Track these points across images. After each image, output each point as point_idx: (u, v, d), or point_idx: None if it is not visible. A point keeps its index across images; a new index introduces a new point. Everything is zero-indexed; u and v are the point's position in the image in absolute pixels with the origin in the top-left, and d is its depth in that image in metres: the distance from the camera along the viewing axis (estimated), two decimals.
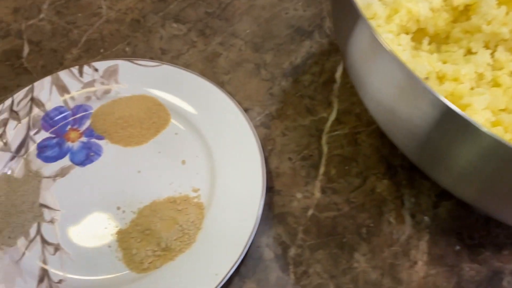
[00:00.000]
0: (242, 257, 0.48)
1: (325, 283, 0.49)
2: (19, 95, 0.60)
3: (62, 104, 0.60)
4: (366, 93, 0.44)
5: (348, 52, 0.44)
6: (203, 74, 0.63)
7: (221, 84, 0.63)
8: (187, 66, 0.65)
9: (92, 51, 0.68)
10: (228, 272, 0.47)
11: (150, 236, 0.50)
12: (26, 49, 0.69)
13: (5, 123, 0.58)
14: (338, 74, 0.66)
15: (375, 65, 0.38)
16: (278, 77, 0.66)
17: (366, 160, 0.58)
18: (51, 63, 0.67)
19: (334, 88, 0.64)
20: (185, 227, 0.50)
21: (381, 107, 0.43)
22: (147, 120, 0.59)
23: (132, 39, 0.69)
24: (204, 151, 0.57)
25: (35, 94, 0.60)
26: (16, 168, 0.56)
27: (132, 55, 0.67)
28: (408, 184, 0.56)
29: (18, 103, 0.59)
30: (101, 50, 0.68)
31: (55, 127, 0.59)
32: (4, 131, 0.57)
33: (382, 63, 0.37)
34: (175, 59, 0.67)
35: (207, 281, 0.46)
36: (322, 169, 0.57)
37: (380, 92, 0.40)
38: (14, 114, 0.59)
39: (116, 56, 0.67)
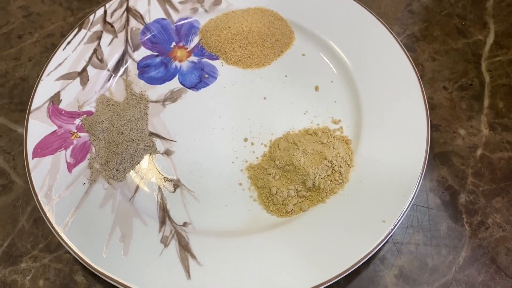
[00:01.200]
0: (411, 202, 0.38)
1: (509, 237, 0.40)
2: (112, 4, 0.49)
3: (163, 17, 0.50)
4: None
5: None
6: None
7: None
8: None
9: None
10: (399, 219, 0.37)
11: (292, 173, 0.40)
12: None
13: (98, 36, 0.47)
14: None
15: None
16: None
17: None
18: None
19: (488, 6, 0.53)
20: (335, 164, 0.40)
21: None
22: (270, 37, 0.48)
23: None
24: (341, 75, 0.46)
25: (131, 3, 0.50)
26: (116, 90, 0.46)
27: None
28: None
29: (112, 13, 0.49)
30: None
31: (158, 44, 0.49)
32: (98, 45, 0.47)
33: None
34: None
35: (373, 229, 0.37)
36: (486, 102, 0.46)
37: None
38: (108, 26, 0.48)
39: None
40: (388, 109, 0.43)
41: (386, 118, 0.43)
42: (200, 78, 0.46)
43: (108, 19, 0.48)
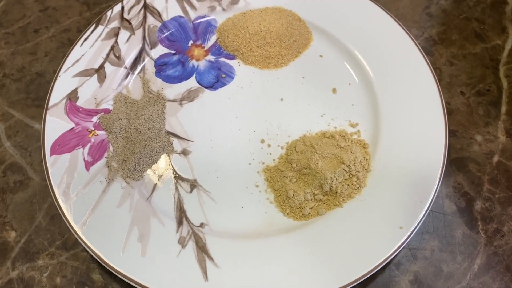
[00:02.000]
0: (429, 208, 0.38)
1: None
2: (129, 0, 0.49)
3: (181, 14, 0.49)
4: None
5: None
6: None
7: None
8: None
9: None
10: (416, 226, 0.37)
11: (309, 176, 0.40)
12: None
13: (116, 33, 0.47)
14: None
15: None
16: None
17: None
18: None
19: (507, 10, 0.52)
20: (353, 168, 0.40)
21: None
22: (288, 37, 0.48)
23: None
24: (360, 78, 0.46)
25: (148, 0, 0.49)
26: (133, 88, 0.46)
27: None
28: None
29: (130, 10, 0.49)
30: None
31: (175, 42, 0.48)
32: (116, 43, 0.47)
33: None
34: None
35: (390, 235, 0.37)
36: (504, 108, 0.46)
37: None
38: (126, 23, 0.48)
39: None
40: (406, 114, 0.43)
41: (403, 123, 0.42)
42: (217, 78, 0.46)
43: (126, 15, 0.48)
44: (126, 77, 0.46)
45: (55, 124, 0.42)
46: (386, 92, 0.44)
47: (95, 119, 0.43)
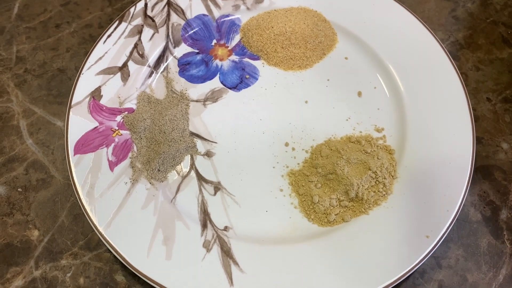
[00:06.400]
0: (456, 217, 0.38)
1: None
2: None
3: (205, 13, 0.49)
4: None
5: None
6: None
7: None
8: None
9: None
10: (443, 235, 0.37)
11: (335, 182, 0.40)
12: None
13: (139, 30, 0.47)
14: None
15: None
16: None
17: None
18: None
19: None
20: (379, 175, 0.40)
21: None
22: (313, 39, 0.47)
23: None
24: (385, 81, 0.46)
25: None
26: (156, 87, 0.45)
27: None
28: None
29: (153, 7, 0.48)
30: None
31: (198, 41, 0.48)
32: (139, 40, 0.46)
33: None
34: None
35: (416, 244, 0.37)
36: None
37: None
38: (149, 20, 0.47)
39: None
40: (432, 119, 0.42)
41: (430, 128, 0.42)
42: (241, 79, 0.46)
43: (149, 12, 0.48)
44: (150, 76, 0.45)
45: (79, 123, 0.42)
46: (412, 96, 0.44)
47: (118, 118, 0.43)
